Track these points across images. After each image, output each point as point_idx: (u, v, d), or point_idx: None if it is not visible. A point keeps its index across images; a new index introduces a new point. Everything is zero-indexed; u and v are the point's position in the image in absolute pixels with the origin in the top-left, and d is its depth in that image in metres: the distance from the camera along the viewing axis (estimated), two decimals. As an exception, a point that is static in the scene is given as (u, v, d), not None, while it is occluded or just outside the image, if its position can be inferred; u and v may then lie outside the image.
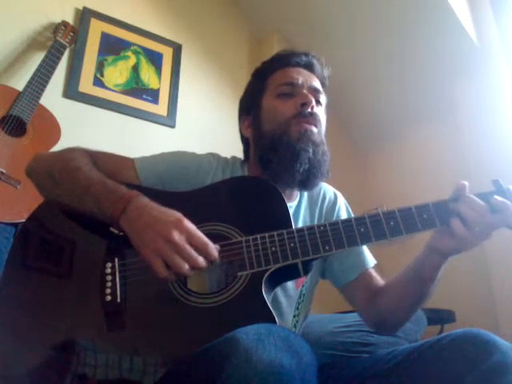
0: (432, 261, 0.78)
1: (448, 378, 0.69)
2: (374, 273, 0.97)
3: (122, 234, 0.73)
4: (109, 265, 0.73)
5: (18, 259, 0.80)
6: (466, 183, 0.75)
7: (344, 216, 1.02)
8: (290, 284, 0.89)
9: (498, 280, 2.01)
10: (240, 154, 1.05)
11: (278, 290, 0.86)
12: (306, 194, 1.00)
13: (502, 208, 0.72)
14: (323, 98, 0.97)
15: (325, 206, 1.01)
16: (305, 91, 0.93)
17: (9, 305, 0.75)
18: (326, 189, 1.04)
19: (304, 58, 0.98)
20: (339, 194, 1.06)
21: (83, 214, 0.78)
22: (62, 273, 0.77)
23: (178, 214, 0.70)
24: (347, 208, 1.06)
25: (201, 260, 0.67)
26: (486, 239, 0.73)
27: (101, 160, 0.87)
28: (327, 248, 0.73)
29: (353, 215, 1.05)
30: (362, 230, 0.74)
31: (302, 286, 0.93)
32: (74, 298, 0.74)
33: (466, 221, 0.71)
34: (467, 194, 0.74)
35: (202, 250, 0.68)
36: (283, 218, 0.78)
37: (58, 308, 0.74)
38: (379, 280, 0.95)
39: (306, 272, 0.77)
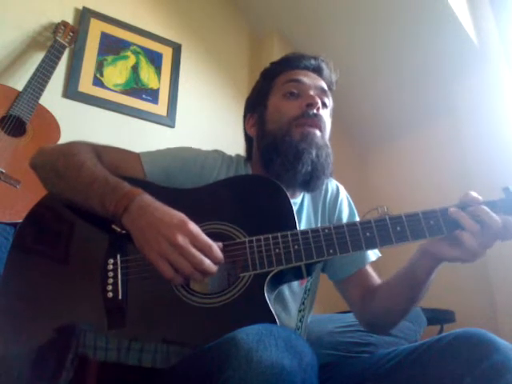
0: (425, 264, 0.78)
1: (448, 377, 0.69)
2: (371, 271, 0.97)
3: (124, 232, 0.73)
4: (111, 261, 0.73)
5: (18, 255, 0.79)
6: (479, 197, 0.73)
7: (346, 210, 1.03)
8: (294, 281, 0.88)
9: (497, 280, 2.02)
10: (241, 154, 1.05)
11: (284, 286, 0.86)
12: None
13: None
14: (329, 102, 0.97)
15: (327, 200, 1.01)
16: (311, 92, 0.93)
17: (10, 301, 0.75)
18: (329, 182, 1.04)
19: (313, 62, 0.98)
20: (341, 187, 1.06)
21: (86, 209, 0.77)
22: (63, 269, 0.77)
23: (182, 216, 0.70)
24: (349, 202, 1.06)
25: (207, 262, 0.66)
26: (489, 247, 0.72)
27: (105, 154, 0.87)
28: (331, 251, 0.73)
29: (355, 209, 1.05)
30: (368, 234, 0.73)
31: (307, 281, 0.93)
32: (75, 295, 0.74)
33: (471, 231, 0.69)
34: (479, 206, 0.71)
35: (206, 252, 0.67)
36: (287, 218, 0.77)
37: (60, 305, 0.74)
38: (375, 279, 0.95)
39: (309, 274, 0.77)
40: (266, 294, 0.70)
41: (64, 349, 0.68)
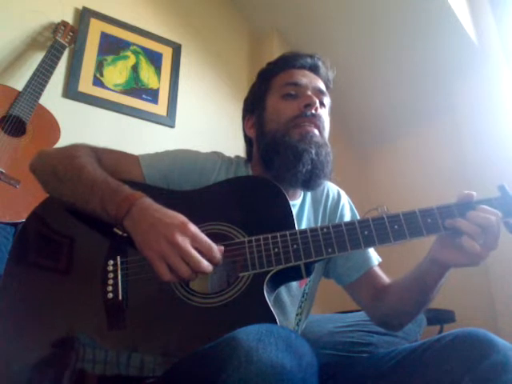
0: (434, 271, 0.78)
1: (447, 377, 0.69)
2: (378, 271, 0.97)
3: (125, 235, 0.73)
4: (111, 262, 0.74)
5: (19, 256, 0.80)
6: (474, 193, 0.73)
7: (348, 214, 1.03)
8: (293, 283, 0.89)
9: (497, 280, 2.02)
10: (240, 154, 1.05)
11: (282, 289, 0.86)
12: (309, 192, 1.00)
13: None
14: (327, 100, 0.97)
15: (329, 205, 1.01)
16: (309, 92, 0.93)
17: (10, 302, 0.75)
18: (330, 187, 1.04)
19: (309, 61, 0.98)
20: (343, 193, 1.06)
21: (87, 212, 0.78)
22: (63, 270, 0.77)
23: (183, 217, 0.70)
24: (351, 206, 1.06)
25: (205, 264, 0.67)
26: (494, 249, 0.72)
27: (105, 157, 0.87)
28: (330, 250, 0.73)
29: (357, 213, 1.05)
30: (366, 233, 0.73)
31: (306, 285, 0.93)
32: (75, 296, 0.74)
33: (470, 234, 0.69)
34: (479, 205, 0.71)
35: (206, 253, 0.68)
36: (286, 219, 0.77)
37: (60, 306, 0.74)
38: (384, 278, 0.96)
39: (308, 274, 0.76)
40: (265, 294, 0.70)
41: (65, 352, 0.68)
